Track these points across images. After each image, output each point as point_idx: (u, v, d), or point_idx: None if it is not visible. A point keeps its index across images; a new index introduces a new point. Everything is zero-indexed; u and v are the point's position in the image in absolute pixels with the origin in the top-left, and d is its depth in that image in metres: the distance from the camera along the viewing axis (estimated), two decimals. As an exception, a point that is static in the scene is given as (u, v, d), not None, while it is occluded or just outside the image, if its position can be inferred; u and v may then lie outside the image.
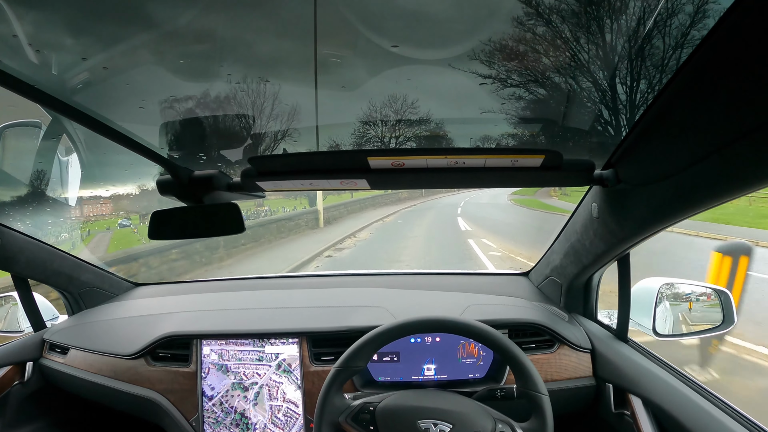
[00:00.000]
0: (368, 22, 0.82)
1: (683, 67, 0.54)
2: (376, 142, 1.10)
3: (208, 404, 1.21)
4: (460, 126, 1.08)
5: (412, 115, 1.01)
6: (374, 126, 1.06)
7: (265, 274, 1.83)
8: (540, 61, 0.88)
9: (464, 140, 1.10)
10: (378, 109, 1.02)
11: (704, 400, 0.87)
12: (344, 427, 0.91)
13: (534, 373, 0.86)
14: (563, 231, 1.20)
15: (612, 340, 1.14)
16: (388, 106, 1.01)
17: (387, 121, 1.04)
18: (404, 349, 1.19)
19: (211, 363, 1.21)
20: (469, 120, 1.04)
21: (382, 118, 1.03)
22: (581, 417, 1.19)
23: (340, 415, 0.91)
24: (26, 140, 1.32)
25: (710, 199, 0.63)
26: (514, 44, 0.83)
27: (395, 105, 1.00)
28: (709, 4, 0.66)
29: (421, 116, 1.01)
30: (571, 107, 0.98)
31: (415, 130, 1.06)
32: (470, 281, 1.56)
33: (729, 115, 0.51)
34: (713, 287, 1.14)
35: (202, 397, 1.20)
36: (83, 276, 1.47)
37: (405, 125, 1.05)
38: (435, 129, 1.06)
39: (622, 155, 0.77)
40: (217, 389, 1.21)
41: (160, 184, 0.87)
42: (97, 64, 0.93)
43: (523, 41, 0.82)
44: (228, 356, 1.21)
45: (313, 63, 0.87)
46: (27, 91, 0.58)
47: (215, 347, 1.22)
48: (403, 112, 1.01)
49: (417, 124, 1.04)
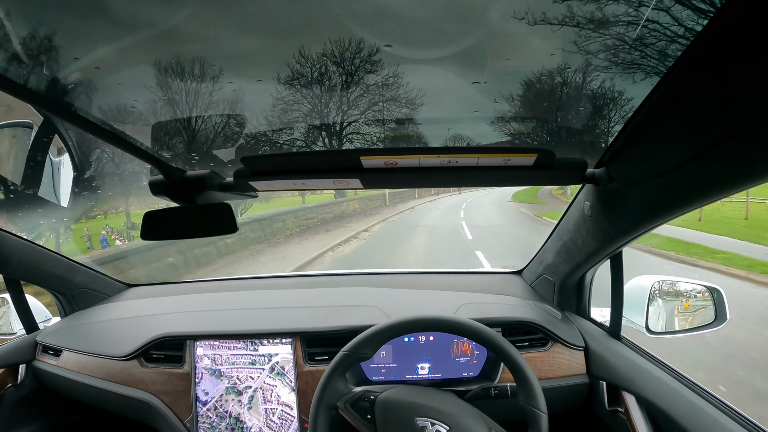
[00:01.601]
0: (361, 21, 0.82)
1: (674, 68, 0.55)
2: (369, 142, 1.10)
3: (203, 409, 1.20)
4: (453, 125, 1.09)
5: (405, 115, 1.01)
6: (367, 125, 1.06)
7: (259, 274, 1.82)
8: (532, 60, 0.88)
9: (457, 139, 1.10)
10: (371, 108, 1.02)
11: (697, 396, 0.88)
12: (341, 412, 0.92)
13: (539, 391, 0.85)
14: (556, 229, 1.20)
15: (605, 338, 1.14)
16: (381, 105, 1.01)
17: (380, 121, 1.04)
18: (398, 348, 1.19)
19: (205, 368, 1.21)
20: (462, 119, 1.04)
21: (375, 117, 1.04)
22: (575, 415, 1.20)
23: (340, 399, 0.92)
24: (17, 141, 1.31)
25: (701, 198, 0.63)
26: (506, 43, 0.84)
27: (388, 104, 1.00)
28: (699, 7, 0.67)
29: (415, 115, 1.01)
30: (563, 106, 0.98)
31: (407, 130, 1.07)
32: (463, 280, 1.56)
33: (719, 115, 0.51)
34: (706, 285, 1.15)
35: (195, 398, 1.20)
36: (76, 277, 1.46)
37: (398, 124, 1.05)
38: (428, 128, 1.06)
39: (614, 154, 0.77)
40: (211, 394, 1.20)
41: (152, 185, 0.86)
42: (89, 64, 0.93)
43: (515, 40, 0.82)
44: (221, 360, 1.21)
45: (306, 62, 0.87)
46: (18, 91, 0.58)
47: (208, 351, 1.21)
48: (396, 111, 1.01)
49: (410, 124, 1.04)
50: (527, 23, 0.78)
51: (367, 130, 1.06)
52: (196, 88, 1.01)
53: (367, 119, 1.04)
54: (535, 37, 0.80)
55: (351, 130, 1.07)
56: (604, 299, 1.18)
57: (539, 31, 0.80)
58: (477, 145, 1.08)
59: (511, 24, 0.79)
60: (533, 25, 0.78)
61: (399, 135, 1.09)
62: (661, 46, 0.76)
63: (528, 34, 0.80)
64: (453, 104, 0.98)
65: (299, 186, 0.88)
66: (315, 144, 1.08)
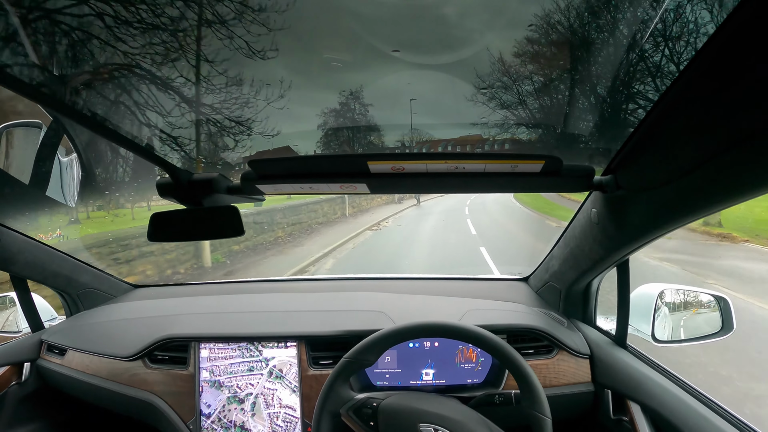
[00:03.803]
0: (370, 28, 0.82)
1: (682, 74, 0.54)
2: (377, 147, 1.10)
3: (207, 422, 1.20)
4: (460, 131, 1.09)
5: (412, 120, 1.01)
6: (375, 130, 1.06)
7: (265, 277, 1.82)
8: (540, 68, 0.88)
9: (464, 145, 1.10)
10: (378, 113, 1.02)
11: (703, 406, 0.87)
12: (344, 419, 0.91)
13: (543, 398, 0.85)
14: (562, 236, 1.19)
15: (611, 346, 1.13)
16: (388, 110, 1.01)
17: (388, 126, 1.04)
18: (403, 354, 1.19)
19: (204, 380, 1.21)
20: (469, 125, 1.05)
21: (382, 122, 1.04)
22: (580, 423, 1.19)
23: (343, 406, 0.91)
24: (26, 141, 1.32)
25: (709, 206, 0.63)
26: (514, 51, 0.84)
27: (396, 109, 1.01)
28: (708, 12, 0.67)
29: (422, 121, 1.01)
30: (571, 113, 0.98)
31: (415, 135, 1.07)
32: (469, 286, 1.55)
33: (727, 122, 0.51)
34: (713, 293, 1.14)
35: (199, 399, 1.20)
36: (82, 277, 1.47)
37: (405, 130, 1.05)
38: (435, 134, 1.06)
39: (622, 161, 0.77)
40: (214, 406, 1.21)
41: (159, 186, 0.87)
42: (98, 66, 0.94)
43: (524, 48, 0.83)
44: (219, 371, 1.21)
45: (314, 68, 0.87)
46: (28, 92, 0.58)
47: (206, 364, 1.21)
48: (403, 116, 1.01)
49: (417, 129, 1.04)
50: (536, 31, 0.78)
51: (374, 135, 1.06)
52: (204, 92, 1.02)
53: (375, 124, 1.04)
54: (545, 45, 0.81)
55: (359, 134, 1.08)
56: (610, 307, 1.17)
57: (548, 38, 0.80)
58: (484, 151, 1.08)
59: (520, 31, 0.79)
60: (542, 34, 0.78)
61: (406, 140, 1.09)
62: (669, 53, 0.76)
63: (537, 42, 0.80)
64: (461, 110, 0.98)
65: (306, 190, 0.88)
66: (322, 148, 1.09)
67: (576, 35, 0.81)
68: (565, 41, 0.82)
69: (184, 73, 0.98)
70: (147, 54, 0.93)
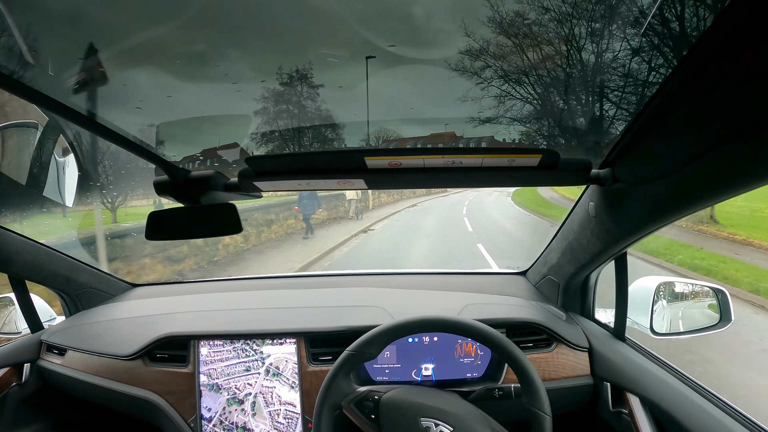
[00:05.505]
0: (365, 22, 0.82)
1: (679, 67, 0.54)
2: (374, 142, 1.10)
3: (209, 426, 1.20)
4: (457, 125, 1.08)
5: (409, 115, 1.01)
6: (371, 126, 1.06)
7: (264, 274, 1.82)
8: (537, 61, 0.88)
9: (461, 140, 1.10)
10: (375, 108, 1.02)
11: (702, 398, 0.87)
12: (345, 411, 0.92)
13: (543, 393, 0.85)
14: (560, 230, 1.20)
15: (610, 339, 1.14)
16: (385, 106, 1.01)
17: (384, 121, 1.04)
18: (402, 349, 1.19)
19: (203, 385, 1.21)
20: (466, 119, 1.04)
21: (379, 117, 1.04)
22: (579, 416, 1.19)
23: (344, 399, 0.92)
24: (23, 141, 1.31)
25: (707, 198, 0.63)
26: (511, 44, 0.83)
27: (392, 104, 1.00)
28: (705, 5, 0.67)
29: (418, 116, 1.01)
30: (568, 107, 0.98)
31: (412, 130, 1.06)
32: (468, 281, 1.56)
33: (724, 114, 0.51)
34: (710, 285, 1.14)
35: (200, 398, 1.20)
36: (81, 277, 1.47)
37: (402, 124, 1.05)
38: (432, 128, 1.06)
39: (619, 154, 0.77)
40: (214, 409, 1.21)
41: (156, 185, 0.87)
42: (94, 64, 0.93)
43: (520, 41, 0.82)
44: (217, 374, 1.21)
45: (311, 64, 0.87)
46: (23, 92, 0.58)
47: (203, 368, 1.21)
48: (400, 111, 1.01)
49: (414, 124, 1.04)
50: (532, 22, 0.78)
51: (371, 130, 1.06)
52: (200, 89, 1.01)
53: (372, 120, 1.04)
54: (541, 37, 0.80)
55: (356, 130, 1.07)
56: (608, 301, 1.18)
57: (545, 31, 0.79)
58: (481, 145, 1.08)
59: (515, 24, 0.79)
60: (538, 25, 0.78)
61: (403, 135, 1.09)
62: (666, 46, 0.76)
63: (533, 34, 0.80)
64: (457, 104, 0.98)
65: (304, 186, 0.88)
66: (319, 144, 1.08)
67: (573, 29, 0.81)
68: (562, 35, 0.81)
69: (182, 71, 0.98)
70: (144, 52, 0.93)
